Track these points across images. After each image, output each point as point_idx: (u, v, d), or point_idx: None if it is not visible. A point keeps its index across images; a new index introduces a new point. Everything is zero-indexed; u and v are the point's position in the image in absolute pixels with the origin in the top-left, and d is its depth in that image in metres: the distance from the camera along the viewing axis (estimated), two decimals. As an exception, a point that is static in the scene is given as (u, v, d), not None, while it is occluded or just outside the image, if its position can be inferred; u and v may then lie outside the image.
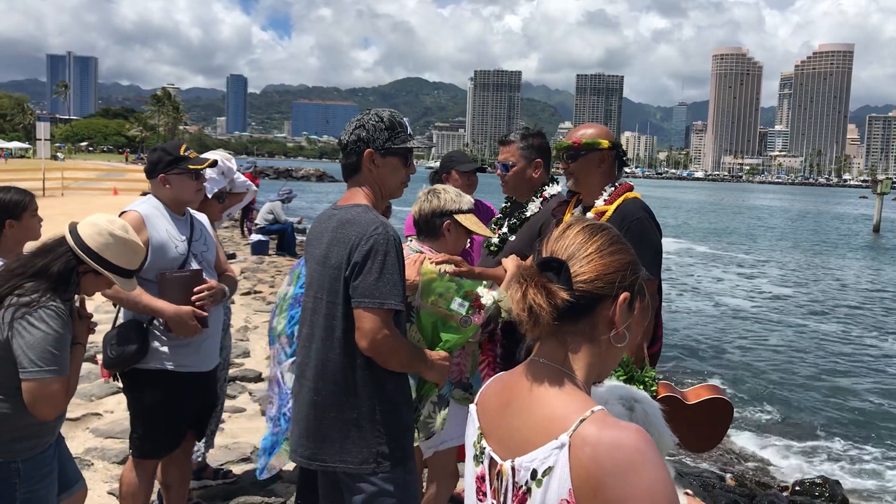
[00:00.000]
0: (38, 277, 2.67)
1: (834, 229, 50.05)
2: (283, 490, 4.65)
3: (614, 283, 1.44)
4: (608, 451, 1.28)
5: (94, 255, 2.76)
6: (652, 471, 1.27)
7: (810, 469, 8.00)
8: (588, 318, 1.44)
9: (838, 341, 14.88)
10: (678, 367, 12.01)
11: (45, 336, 2.58)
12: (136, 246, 2.89)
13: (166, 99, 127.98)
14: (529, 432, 1.39)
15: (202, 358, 3.63)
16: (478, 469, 1.51)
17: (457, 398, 3.30)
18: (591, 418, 1.32)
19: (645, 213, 3.23)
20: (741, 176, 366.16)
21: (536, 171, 3.77)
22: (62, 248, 2.76)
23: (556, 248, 1.49)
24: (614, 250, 1.47)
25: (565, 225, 1.53)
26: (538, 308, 1.38)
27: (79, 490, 3.13)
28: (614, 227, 1.55)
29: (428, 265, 3.07)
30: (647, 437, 1.31)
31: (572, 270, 1.43)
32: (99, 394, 6.33)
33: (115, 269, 2.81)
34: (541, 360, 1.47)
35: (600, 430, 1.30)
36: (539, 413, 1.40)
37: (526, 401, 1.44)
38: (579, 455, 1.29)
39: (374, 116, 2.68)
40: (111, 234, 2.79)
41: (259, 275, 13.38)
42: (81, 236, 2.76)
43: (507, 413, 1.47)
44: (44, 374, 2.56)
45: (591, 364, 1.46)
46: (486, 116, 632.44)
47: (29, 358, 2.56)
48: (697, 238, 38.04)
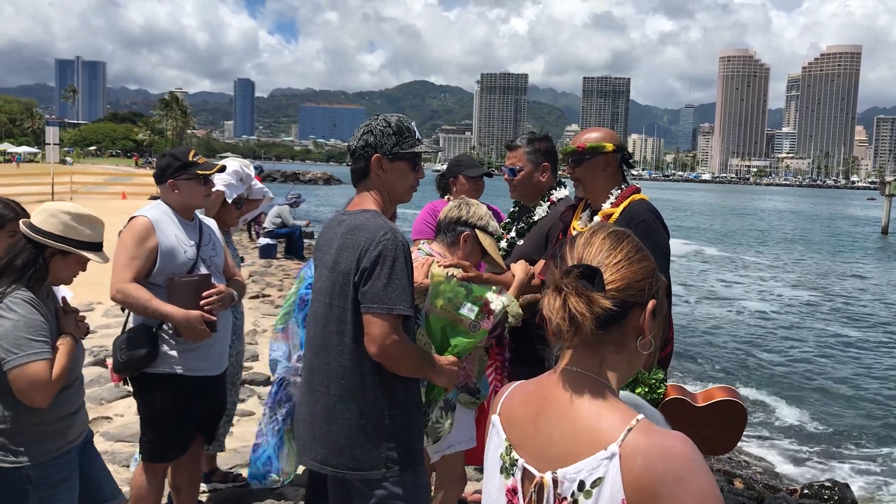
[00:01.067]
0: (4, 274, 2.72)
1: (844, 232, 49.86)
2: (292, 493, 4.66)
3: (643, 290, 1.44)
4: (660, 460, 1.28)
5: (54, 236, 2.79)
6: (703, 477, 1.29)
7: (820, 472, 7.97)
8: (619, 326, 1.42)
9: (850, 345, 14.83)
10: (689, 369, 11.99)
11: (14, 323, 2.61)
12: (92, 217, 2.92)
13: (174, 103, 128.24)
14: (571, 443, 1.38)
15: (211, 362, 3.65)
16: (508, 482, 1.48)
17: (463, 402, 3.31)
18: (638, 427, 1.32)
19: (651, 215, 3.23)
20: (748, 178, 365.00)
21: (544, 175, 3.78)
22: (21, 242, 2.80)
23: (586, 254, 1.47)
24: (641, 257, 1.47)
25: (590, 231, 1.52)
26: (581, 317, 1.36)
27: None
28: (634, 235, 1.54)
29: (436, 268, 3.08)
30: (693, 443, 1.32)
31: (605, 278, 1.41)
32: (109, 397, 6.36)
33: (79, 244, 2.84)
34: (574, 369, 1.45)
35: (649, 439, 1.30)
36: (580, 424, 1.38)
37: (563, 411, 1.42)
38: (631, 465, 1.29)
39: (382, 122, 2.69)
40: (64, 212, 2.83)
41: (267, 278, 13.42)
42: (36, 224, 2.81)
43: (541, 424, 1.45)
44: (21, 359, 2.58)
45: (622, 372, 1.46)
46: (493, 119, 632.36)
47: (4, 348, 2.58)
48: (707, 240, 37.98)
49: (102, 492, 3.05)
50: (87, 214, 2.89)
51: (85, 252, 2.85)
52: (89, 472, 2.99)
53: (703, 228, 47.16)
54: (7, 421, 2.68)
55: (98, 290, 8.03)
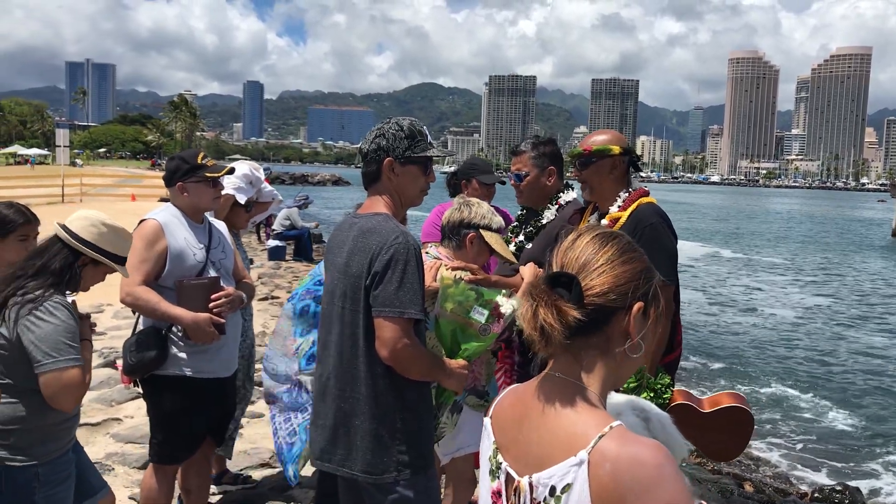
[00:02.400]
0: (40, 276, 2.72)
1: (855, 233, 49.61)
2: (301, 495, 4.66)
3: (627, 293, 1.41)
4: (628, 468, 1.26)
5: (91, 245, 2.81)
6: (672, 487, 1.26)
7: (830, 476, 7.92)
8: (602, 331, 1.41)
9: (863, 347, 14.70)
10: (699, 373, 11.95)
11: (55, 328, 2.61)
12: (125, 233, 2.94)
13: (183, 105, 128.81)
14: (547, 448, 1.38)
15: (221, 364, 3.65)
16: (494, 484, 1.49)
17: (471, 405, 3.31)
18: (610, 434, 1.31)
19: (659, 218, 3.22)
20: (758, 180, 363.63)
21: (550, 179, 3.77)
22: (57, 246, 2.80)
23: (567, 260, 1.45)
24: (626, 259, 1.44)
25: (575, 235, 1.50)
26: (549, 328, 1.35)
27: (103, 497, 3.15)
28: (626, 235, 1.52)
29: (444, 271, 3.08)
30: (667, 452, 1.29)
31: (584, 284, 1.39)
32: (119, 399, 6.38)
33: (111, 256, 2.86)
34: (556, 374, 1.45)
35: (620, 447, 1.29)
36: (556, 429, 1.38)
37: (542, 416, 1.42)
38: (598, 472, 1.28)
39: (394, 125, 2.68)
40: (103, 224, 2.84)
41: (276, 280, 13.45)
42: (74, 230, 2.81)
43: (523, 428, 1.46)
44: (59, 363, 2.59)
45: (607, 377, 1.44)
46: (501, 121, 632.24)
47: (42, 351, 2.59)
48: (719, 243, 37.84)
49: (91, 484, 3.10)
50: (122, 228, 2.93)
51: (114, 264, 2.88)
52: (79, 467, 3.02)
53: (715, 231, 46.99)
54: (19, 422, 2.70)
55: (107, 291, 8.04)
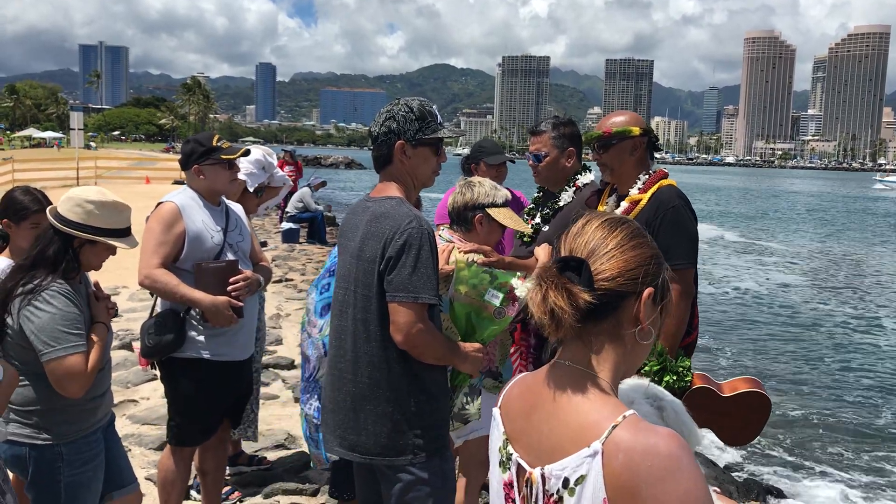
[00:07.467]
0: (38, 265, 2.75)
1: (868, 212, 49.17)
2: (317, 477, 4.70)
3: (637, 279, 1.39)
4: (642, 458, 1.24)
5: (81, 226, 2.80)
6: (687, 476, 1.24)
7: (835, 474, 7.86)
8: (612, 316, 1.39)
9: (881, 337, 14.52)
10: (714, 357, 11.90)
11: (51, 316, 2.65)
12: (117, 203, 2.91)
13: (196, 87, 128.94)
14: (559, 439, 1.35)
15: (238, 347, 3.67)
16: (505, 475, 1.47)
17: (487, 387, 3.31)
18: (624, 424, 1.29)
19: (681, 201, 3.18)
20: (773, 161, 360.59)
21: (569, 161, 3.74)
22: (50, 232, 2.82)
23: (576, 244, 1.43)
24: (635, 244, 1.42)
25: (584, 220, 1.48)
26: (560, 311, 1.32)
27: (131, 492, 3.15)
28: (634, 221, 1.50)
29: (457, 254, 3.07)
30: (682, 441, 1.27)
31: (593, 268, 1.37)
32: (135, 381, 6.44)
33: (106, 232, 2.85)
34: (566, 362, 1.42)
35: (634, 437, 1.26)
36: (568, 419, 1.36)
37: (553, 406, 1.40)
38: (613, 463, 1.26)
39: (405, 107, 2.66)
40: (88, 201, 2.83)
41: (290, 262, 13.49)
42: (62, 213, 2.82)
43: (534, 418, 1.43)
44: (59, 352, 2.63)
45: (618, 363, 1.42)
46: (515, 102, 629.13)
47: (42, 340, 2.63)
48: (734, 225, 37.57)
49: (122, 476, 3.11)
50: (111, 201, 2.88)
51: (111, 240, 2.87)
52: (112, 455, 3.05)
53: (732, 213, 46.65)
54: (41, 402, 2.75)
55: (124, 274, 8.12)
